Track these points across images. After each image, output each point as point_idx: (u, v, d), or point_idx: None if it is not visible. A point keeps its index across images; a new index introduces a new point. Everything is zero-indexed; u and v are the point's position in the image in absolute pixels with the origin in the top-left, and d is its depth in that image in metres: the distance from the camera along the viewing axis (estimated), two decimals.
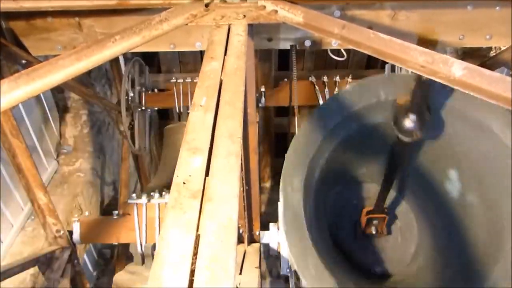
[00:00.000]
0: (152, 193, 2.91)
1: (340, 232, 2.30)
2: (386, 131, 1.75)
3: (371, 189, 2.27)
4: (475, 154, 1.73)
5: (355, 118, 1.70)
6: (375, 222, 2.19)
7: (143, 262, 2.94)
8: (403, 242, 2.24)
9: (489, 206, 1.71)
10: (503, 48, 2.73)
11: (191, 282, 0.76)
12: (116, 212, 2.93)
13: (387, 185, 1.97)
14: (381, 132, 1.81)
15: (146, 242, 2.88)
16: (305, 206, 1.52)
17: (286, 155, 1.60)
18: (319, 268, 1.51)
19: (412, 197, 2.26)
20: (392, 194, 2.20)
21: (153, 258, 0.82)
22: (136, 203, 2.83)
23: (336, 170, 2.03)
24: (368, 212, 2.15)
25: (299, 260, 1.48)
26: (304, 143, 1.55)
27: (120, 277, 3.01)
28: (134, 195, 2.88)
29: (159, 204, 2.83)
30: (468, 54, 3.41)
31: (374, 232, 2.21)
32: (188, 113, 1.51)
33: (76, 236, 2.83)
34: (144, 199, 2.82)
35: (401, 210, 2.30)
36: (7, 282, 2.55)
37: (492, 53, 3.33)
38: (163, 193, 2.94)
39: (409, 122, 1.63)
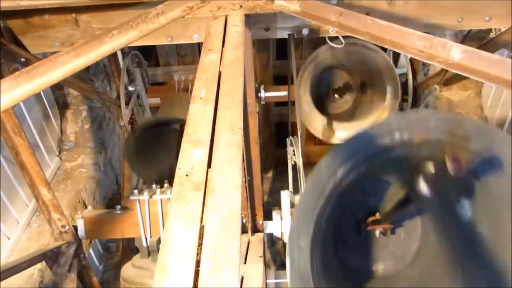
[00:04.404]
0: (153, 186, 2.91)
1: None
2: (400, 166, 1.53)
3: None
4: (493, 190, 1.58)
5: (365, 163, 1.54)
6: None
7: (149, 255, 2.96)
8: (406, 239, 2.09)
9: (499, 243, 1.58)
10: (502, 30, 2.72)
11: (196, 272, 0.77)
12: (119, 206, 2.94)
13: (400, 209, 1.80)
14: (395, 168, 1.63)
15: (151, 237, 2.90)
16: (312, 265, 1.43)
17: (294, 214, 1.44)
18: None
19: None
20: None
21: (158, 252, 0.83)
22: (139, 199, 2.83)
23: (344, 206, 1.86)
24: (374, 222, 1.89)
25: None
26: (310, 200, 1.43)
27: (127, 272, 3.02)
28: (135, 191, 2.86)
29: (161, 199, 2.82)
30: (467, 37, 3.38)
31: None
32: None
33: (81, 232, 2.84)
34: (146, 195, 2.81)
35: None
36: (15, 278, 2.59)
37: (492, 35, 3.31)
38: (165, 185, 2.94)
39: (423, 187, 1.37)
